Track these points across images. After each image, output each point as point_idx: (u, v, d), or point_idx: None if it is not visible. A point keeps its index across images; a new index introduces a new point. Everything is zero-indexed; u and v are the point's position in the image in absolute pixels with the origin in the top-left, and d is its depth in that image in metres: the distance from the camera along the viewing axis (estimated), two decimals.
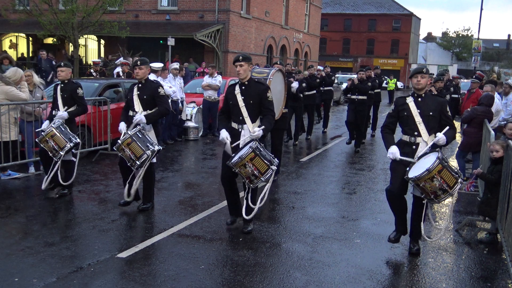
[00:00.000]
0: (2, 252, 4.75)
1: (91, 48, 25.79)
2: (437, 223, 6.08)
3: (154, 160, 6.07)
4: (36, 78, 8.52)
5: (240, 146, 5.33)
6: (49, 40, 21.75)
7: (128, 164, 5.88)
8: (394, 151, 4.87)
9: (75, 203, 6.54)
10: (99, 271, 4.44)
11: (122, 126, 6.12)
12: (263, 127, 5.28)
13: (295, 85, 9.95)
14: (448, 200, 7.12)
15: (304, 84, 12.01)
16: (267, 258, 4.91)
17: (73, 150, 6.64)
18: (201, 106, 12.51)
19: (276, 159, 5.34)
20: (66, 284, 4.14)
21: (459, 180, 4.63)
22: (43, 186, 6.66)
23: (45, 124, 6.79)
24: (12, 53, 24.22)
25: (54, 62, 15.17)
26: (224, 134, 5.39)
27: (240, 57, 5.43)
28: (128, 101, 6.24)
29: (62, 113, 6.64)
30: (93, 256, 4.75)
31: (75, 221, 5.78)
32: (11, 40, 26.37)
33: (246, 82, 5.46)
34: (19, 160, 7.76)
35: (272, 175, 5.27)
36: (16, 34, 25.67)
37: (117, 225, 5.70)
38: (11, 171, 7.67)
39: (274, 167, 5.18)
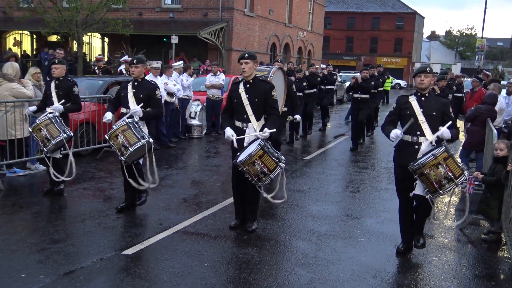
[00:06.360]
0: (9, 249, 4.79)
1: (95, 45, 25.86)
2: (437, 221, 6.06)
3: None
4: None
5: (245, 142, 5.34)
6: (53, 38, 21.82)
7: (118, 153, 5.70)
8: (396, 131, 4.84)
9: (80, 200, 6.57)
10: (104, 268, 4.47)
11: (109, 115, 6.01)
12: (273, 130, 5.21)
13: (298, 118, 9.44)
14: (455, 199, 7.12)
15: (305, 83, 12.02)
16: (271, 255, 4.93)
17: (61, 148, 6.50)
18: (205, 104, 12.52)
19: (283, 156, 5.34)
20: (73, 281, 4.17)
21: (465, 172, 4.59)
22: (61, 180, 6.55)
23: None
24: (16, 50, 24.31)
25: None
26: (229, 132, 5.37)
27: (246, 55, 5.41)
28: (120, 98, 6.11)
29: (58, 105, 6.51)
30: (98, 253, 4.78)
31: (80, 218, 5.81)
32: (15, 38, 26.46)
33: (251, 80, 5.43)
34: (24, 157, 7.79)
35: (280, 173, 5.27)
36: (20, 31, 25.76)
37: (122, 222, 5.73)
38: (16, 169, 7.71)
39: (282, 164, 5.17)
